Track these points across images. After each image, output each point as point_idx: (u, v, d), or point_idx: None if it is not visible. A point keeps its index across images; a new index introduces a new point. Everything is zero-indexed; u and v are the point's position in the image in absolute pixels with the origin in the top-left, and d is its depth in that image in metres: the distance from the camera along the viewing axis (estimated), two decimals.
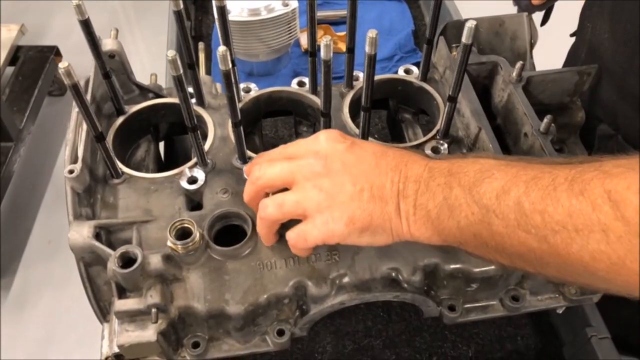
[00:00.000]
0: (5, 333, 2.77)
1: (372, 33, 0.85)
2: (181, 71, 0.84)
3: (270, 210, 0.85)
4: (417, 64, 1.22)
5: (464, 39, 0.88)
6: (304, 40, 1.80)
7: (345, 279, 0.96)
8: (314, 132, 1.21)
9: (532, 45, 1.27)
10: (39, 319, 2.88)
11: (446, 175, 0.75)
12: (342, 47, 1.83)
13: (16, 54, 3.34)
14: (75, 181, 0.94)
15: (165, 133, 1.28)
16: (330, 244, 0.84)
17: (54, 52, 3.42)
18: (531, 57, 1.27)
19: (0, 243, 2.97)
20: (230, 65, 0.84)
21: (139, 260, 0.88)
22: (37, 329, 2.85)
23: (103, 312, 1.01)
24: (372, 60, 0.89)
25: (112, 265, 0.88)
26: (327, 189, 0.80)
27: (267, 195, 0.89)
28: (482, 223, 0.70)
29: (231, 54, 0.85)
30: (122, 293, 0.92)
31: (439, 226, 0.75)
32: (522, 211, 0.63)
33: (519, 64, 1.05)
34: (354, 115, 1.13)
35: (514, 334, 1.17)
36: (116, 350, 0.93)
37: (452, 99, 0.98)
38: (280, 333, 0.97)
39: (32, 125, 3.20)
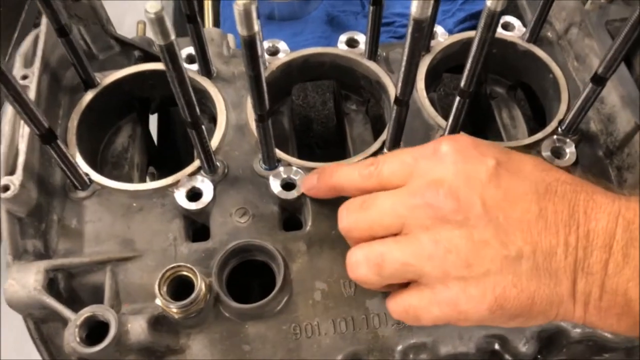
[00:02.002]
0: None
1: None
2: (172, 37, 0.49)
3: (362, 272, 0.56)
4: None
5: None
6: None
7: (424, 354, 0.64)
8: (367, 112, 0.85)
9: None
10: None
11: None
12: None
13: None
14: (14, 202, 0.61)
15: (158, 105, 0.93)
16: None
17: None
18: None
19: None
20: (257, 27, 0.48)
21: (112, 332, 0.58)
22: None
23: None
24: (495, 20, 0.53)
25: (71, 339, 0.57)
26: (459, 248, 0.49)
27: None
28: None
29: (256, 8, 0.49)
30: None
31: None
32: None
33: None
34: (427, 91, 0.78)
35: None
36: None
37: (600, 81, 0.62)
38: None
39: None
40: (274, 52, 0.79)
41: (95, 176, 0.68)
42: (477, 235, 0.49)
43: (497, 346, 0.65)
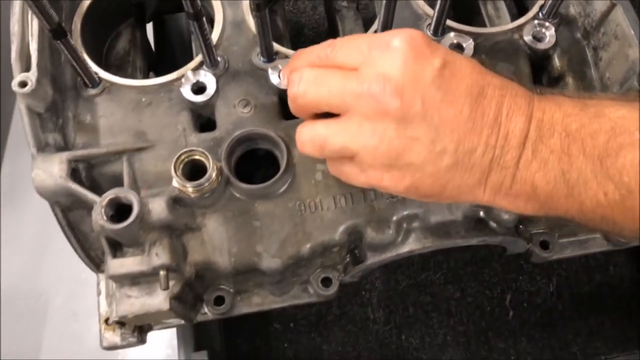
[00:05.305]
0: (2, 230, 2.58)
1: None
2: None
3: (307, 150, 0.62)
4: None
5: None
6: None
7: (416, 223, 0.71)
8: (358, 9, 0.88)
9: None
10: (34, 211, 2.68)
11: (562, 136, 0.53)
12: None
13: None
14: (32, 98, 0.65)
15: (153, 11, 0.96)
16: None
17: None
18: None
19: None
20: None
21: (136, 210, 0.63)
22: (33, 222, 2.66)
23: (95, 261, 0.78)
24: None
25: (99, 218, 0.63)
26: (392, 142, 0.55)
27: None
28: (618, 206, 0.52)
29: None
30: (117, 250, 0.68)
31: (549, 205, 0.56)
32: None
33: None
34: None
35: (604, 262, 0.96)
36: (116, 315, 0.71)
37: None
38: (327, 282, 0.76)
39: None
40: None
41: (104, 74, 0.72)
42: (411, 131, 0.54)
43: (482, 214, 0.72)
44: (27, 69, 0.65)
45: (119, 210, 0.65)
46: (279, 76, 0.73)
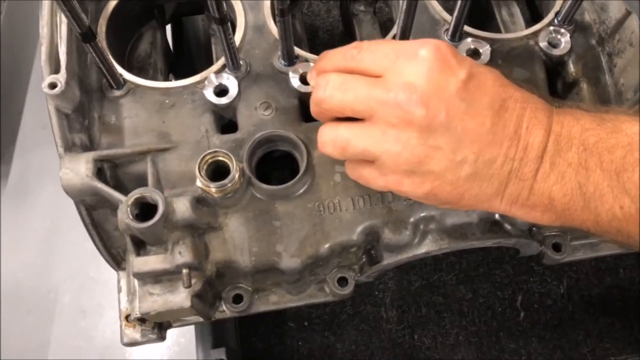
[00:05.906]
0: (6, 224, 2.61)
1: None
2: None
3: (328, 150, 0.63)
4: None
5: None
6: None
7: (433, 224, 0.73)
8: (375, 13, 0.90)
9: None
10: (43, 208, 2.69)
11: (579, 150, 0.55)
12: None
13: None
14: (61, 99, 0.66)
15: (172, 13, 0.97)
16: None
17: None
18: None
19: None
20: None
21: (161, 209, 0.65)
22: (42, 219, 2.67)
23: (116, 259, 0.80)
24: None
25: (125, 216, 0.65)
26: (415, 149, 0.56)
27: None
28: (634, 220, 0.53)
29: None
30: (141, 248, 0.69)
31: (565, 217, 0.57)
32: None
33: None
34: None
35: (614, 265, 0.98)
36: (138, 312, 0.72)
37: None
38: (343, 282, 0.77)
39: None
40: None
41: (129, 76, 0.74)
42: (433, 140, 0.55)
43: (497, 216, 0.74)
44: (56, 70, 0.66)
45: (144, 209, 0.67)
46: (299, 79, 0.74)
